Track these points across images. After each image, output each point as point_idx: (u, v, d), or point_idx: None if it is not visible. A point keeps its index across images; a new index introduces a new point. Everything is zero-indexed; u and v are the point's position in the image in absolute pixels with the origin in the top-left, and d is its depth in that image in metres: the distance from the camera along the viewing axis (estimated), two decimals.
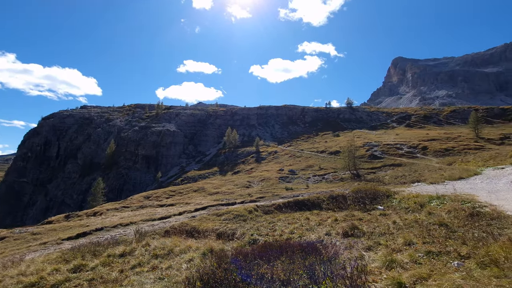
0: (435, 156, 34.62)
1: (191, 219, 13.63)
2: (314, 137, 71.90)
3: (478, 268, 4.85)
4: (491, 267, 4.74)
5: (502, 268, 4.58)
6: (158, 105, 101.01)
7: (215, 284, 4.29)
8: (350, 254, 6.50)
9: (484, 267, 4.85)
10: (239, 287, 4.28)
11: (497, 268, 4.66)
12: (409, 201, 11.35)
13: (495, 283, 4.12)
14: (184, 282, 4.85)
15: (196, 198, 28.09)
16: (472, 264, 5.05)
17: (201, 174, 57.84)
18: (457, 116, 68.93)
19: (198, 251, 7.53)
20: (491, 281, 4.23)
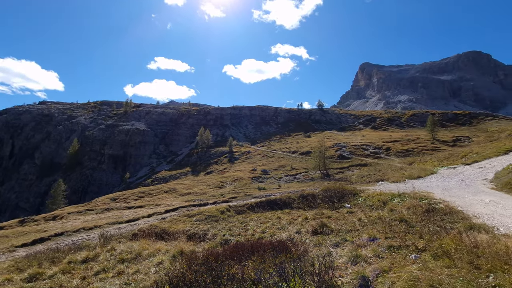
0: (397, 157, 37.01)
1: (161, 221, 13.21)
2: (286, 137, 73.22)
3: (433, 259, 5.28)
4: (443, 258, 5.19)
5: (453, 259, 5.04)
6: (126, 103, 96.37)
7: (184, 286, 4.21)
8: (319, 251, 6.73)
9: (438, 258, 5.29)
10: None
11: (448, 259, 5.11)
12: (374, 199, 12.02)
13: (446, 273, 4.52)
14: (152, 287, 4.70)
15: (167, 199, 27.26)
16: (427, 256, 5.49)
17: (173, 174, 56.25)
18: (416, 120, 74.28)
19: (168, 253, 7.34)
20: (443, 271, 4.63)
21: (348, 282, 4.72)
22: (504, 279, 3.91)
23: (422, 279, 4.32)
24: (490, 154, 22.89)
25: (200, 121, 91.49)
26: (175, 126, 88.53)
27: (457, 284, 4.07)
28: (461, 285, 4.01)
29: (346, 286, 4.58)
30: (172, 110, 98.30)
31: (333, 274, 4.73)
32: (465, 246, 5.36)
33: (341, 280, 4.77)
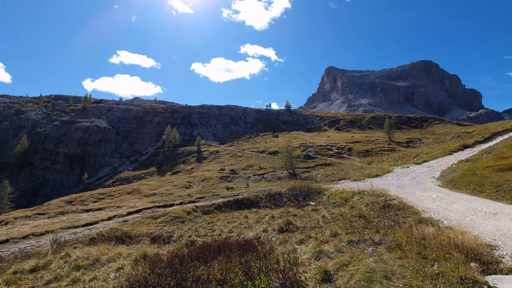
0: (358, 156, 39.29)
1: (122, 224, 12.53)
2: (255, 137, 73.78)
3: (387, 252, 5.71)
4: (396, 250, 5.64)
5: (404, 251, 5.50)
6: (85, 98, 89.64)
7: None
8: (284, 248, 6.91)
9: (391, 250, 5.73)
10: None
11: (401, 250, 5.57)
12: (336, 196, 12.64)
13: (398, 264, 4.92)
14: None
15: (130, 201, 25.91)
16: (382, 249, 5.91)
17: (137, 174, 53.62)
18: (375, 122, 79.51)
19: (129, 258, 6.99)
20: (395, 262, 5.03)
21: (311, 277, 4.91)
22: (446, 267, 4.36)
23: (378, 271, 4.64)
24: (437, 154, 25.32)
25: (167, 119, 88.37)
26: (139, 124, 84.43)
27: (407, 273, 4.45)
28: (411, 274, 4.38)
29: (309, 281, 4.76)
30: (136, 107, 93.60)
31: (297, 270, 4.89)
32: (415, 238, 5.88)
33: (305, 275, 4.95)
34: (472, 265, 4.48)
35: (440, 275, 4.14)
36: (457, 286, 3.80)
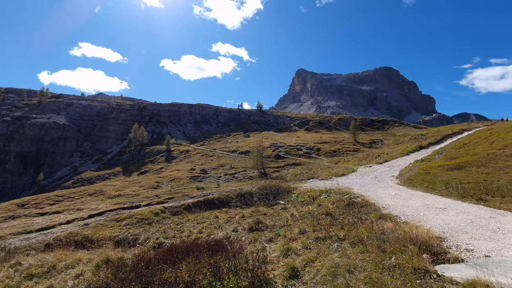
0: (326, 156, 40.85)
1: (83, 228, 11.74)
2: (226, 137, 73.32)
3: (350, 247, 6.02)
4: (359, 245, 5.97)
5: (366, 245, 5.84)
6: (42, 92, 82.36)
7: None
8: (254, 247, 6.97)
9: (354, 245, 6.06)
10: None
11: (362, 245, 5.90)
12: (305, 195, 13.03)
13: (360, 258, 5.22)
14: None
15: (92, 203, 24.34)
16: (346, 244, 6.22)
17: (100, 175, 50.51)
18: (342, 124, 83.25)
19: (90, 263, 6.59)
20: (357, 256, 5.33)
21: (280, 274, 5.03)
22: (402, 259, 4.72)
23: (341, 265, 4.88)
24: (396, 155, 27.20)
25: (134, 117, 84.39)
26: (104, 121, 79.58)
27: (368, 266, 4.74)
28: (371, 267, 4.67)
29: (278, 278, 4.87)
30: (100, 103, 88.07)
31: (266, 268, 4.97)
32: (375, 233, 6.28)
33: (273, 273, 5.05)
34: (424, 256, 4.89)
35: (396, 267, 4.47)
36: (411, 276, 4.13)
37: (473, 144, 21.93)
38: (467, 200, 9.78)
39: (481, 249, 5.36)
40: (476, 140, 22.80)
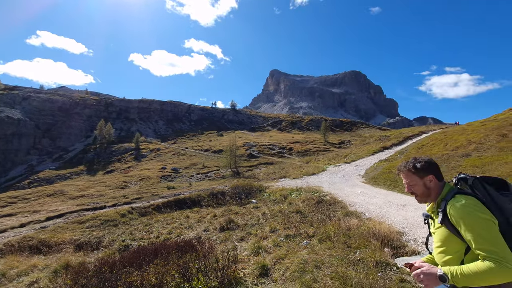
0: (298, 156, 41.83)
1: (39, 231, 10.85)
2: (199, 135, 72.07)
3: (319, 243, 6.23)
4: (326, 242, 6.20)
5: (333, 241, 6.08)
6: None
7: None
8: (225, 246, 6.94)
9: (322, 242, 6.27)
10: None
11: (330, 241, 6.14)
12: (276, 194, 13.23)
13: (327, 253, 5.42)
14: None
15: (51, 205, 22.57)
16: (315, 241, 6.43)
17: (61, 174, 47.00)
18: (313, 124, 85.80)
19: (47, 269, 6.11)
20: (325, 252, 5.53)
21: (250, 273, 5.06)
22: (365, 253, 4.98)
23: (310, 261, 5.03)
24: (363, 155, 28.64)
25: (100, 112, 79.69)
26: (66, 116, 74.11)
27: (334, 261, 4.94)
28: (337, 262, 4.88)
29: (248, 277, 4.89)
30: (62, 97, 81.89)
31: (236, 267, 4.97)
32: (342, 230, 6.56)
33: (244, 272, 5.07)
34: (385, 250, 5.21)
35: (360, 261, 4.71)
36: (374, 269, 4.37)
37: (430, 146, 23.76)
38: None
39: None
40: (432, 142, 24.73)
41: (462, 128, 27.18)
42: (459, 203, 1.56)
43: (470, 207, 1.53)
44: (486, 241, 1.44)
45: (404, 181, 1.87)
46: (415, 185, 1.79)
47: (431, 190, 1.76)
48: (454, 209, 1.56)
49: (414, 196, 1.84)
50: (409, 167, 1.81)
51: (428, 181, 1.76)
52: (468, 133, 22.43)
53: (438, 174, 1.79)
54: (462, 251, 1.58)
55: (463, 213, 1.52)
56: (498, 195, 1.59)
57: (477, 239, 1.46)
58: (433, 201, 1.79)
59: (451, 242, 1.62)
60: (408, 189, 1.83)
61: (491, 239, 1.44)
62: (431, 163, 1.80)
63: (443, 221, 1.62)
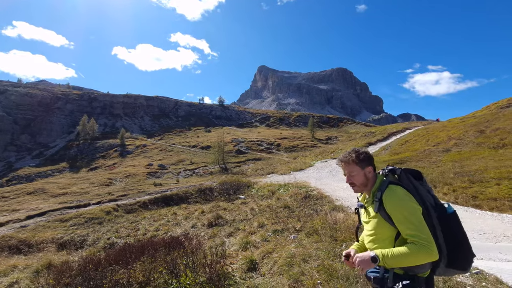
0: (286, 152, 42.13)
1: (19, 231, 10.47)
2: (186, 131, 71.17)
3: (306, 237, 6.32)
4: (314, 235, 6.30)
5: (320, 235, 6.18)
6: None
7: None
8: (213, 242, 6.94)
9: (310, 236, 6.37)
10: None
11: (317, 235, 6.24)
12: (264, 189, 13.30)
13: (314, 247, 5.51)
14: None
15: (31, 203, 21.75)
16: (302, 235, 6.52)
17: (42, 172, 45.30)
18: (301, 120, 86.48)
19: (28, 269, 5.91)
20: (312, 245, 5.62)
21: (238, 267, 5.08)
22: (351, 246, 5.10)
23: (297, 255, 5.11)
24: None
25: (84, 108, 77.07)
26: (46, 112, 71.27)
27: (321, 254, 5.03)
28: (324, 255, 4.97)
29: (236, 272, 4.91)
30: (42, 91, 78.60)
31: (225, 262, 4.98)
32: (328, 224, 6.68)
33: (232, 267, 5.08)
34: None
35: None
36: None
37: (413, 141, 24.49)
38: None
39: None
40: (415, 138, 25.50)
41: (443, 125, 28.15)
42: (393, 193, 1.71)
43: (402, 196, 1.69)
44: (415, 227, 1.60)
45: (345, 171, 1.95)
46: (356, 175, 1.88)
47: (369, 181, 1.88)
48: (389, 198, 1.70)
49: (352, 186, 1.94)
50: (352, 158, 1.89)
51: (367, 172, 1.87)
52: (449, 130, 23.27)
53: (374, 165, 1.93)
54: (393, 237, 1.72)
55: (396, 201, 1.68)
56: (419, 184, 1.78)
57: (408, 225, 1.62)
58: (369, 191, 1.89)
59: (384, 229, 1.74)
60: (349, 179, 1.92)
61: (419, 225, 1.61)
62: (370, 155, 1.94)
63: (379, 209, 1.74)
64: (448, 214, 1.72)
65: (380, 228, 1.75)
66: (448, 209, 1.74)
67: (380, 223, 1.75)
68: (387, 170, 1.88)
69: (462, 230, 1.70)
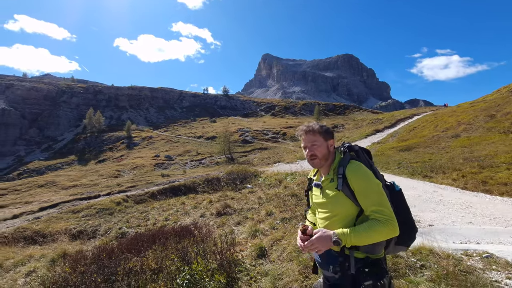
0: (292, 141, 42.02)
1: (33, 222, 10.77)
2: (192, 122, 71.36)
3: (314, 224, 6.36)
4: None
5: None
6: None
7: None
8: (222, 230, 7.03)
9: None
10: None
11: None
12: (271, 178, 13.34)
13: None
14: None
15: (43, 195, 22.32)
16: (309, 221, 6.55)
17: (51, 165, 46.24)
18: (306, 109, 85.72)
19: (44, 259, 6.10)
20: None
21: (248, 254, 5.15)
22: None
23: None
24: (356, 138, 28.94)
25: (89, 101, 77.65)
26: (53, 105, 72.07)
27: None
28: None
29: (246, 258, 4.99)
30: (48, 85, 79.24)
31: (234, 249, 5.05)
32: None
33: (242, 254, 5.15)
34: None
35: None
36: None
37: (421, 128, 24.11)
38: (415, 178, 10.84)
39: (426, 219, 6.02)
40: (423, 124, 25.09)
41: (452, 110, 27.59)
42: (358, 168, 1.63)
43: (366, 171, 1.62)
44: (379, 203, 1.55)
45: (306, 142, 1.82)
46: (319, 147, 1.77)
47: (329, 155, 1.79)
48: (353, 173, 1.61)
49: (313, 159, 1.78)
50: (317, 127, 1.82)
51: (330, 144, 1.80)
52: (458, 115, 22.80)
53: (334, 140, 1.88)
54: (354, 215, 1.63)
55: (362, 176, 1.60)
56: (372, 162, 1.76)
57: (373, 201, 1.55)
58: (328, 166, 1.79)
59: (346, 207, 1.64)
60: (310, 151, 1.78)
61: (383, 201, 1.56)
62: (331, 129, 1.89)
63: (342, 186, 1.63)
64: (396, 192, 1.73)
65: (342, 206, 1.64)
66: (395, 187, 1.75)
67: (342, 201, 1.63)
68: (346, 146, 1.81)
69: (408, 208, 1.72)
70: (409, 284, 3.06)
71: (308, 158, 1.82)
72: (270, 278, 3.89)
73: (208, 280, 3.53)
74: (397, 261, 3.98)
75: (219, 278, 3.45)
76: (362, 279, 1.55)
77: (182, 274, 3.60)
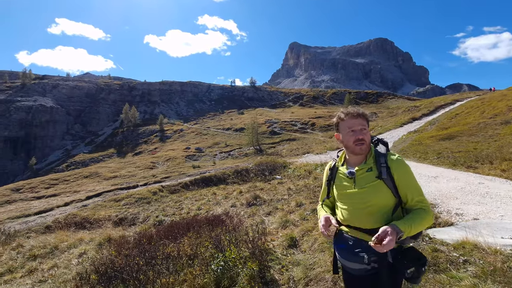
0: (321, 131, 41.08)
1: (81, 209, 11.85)
2: (220, 114, 72.68)
3: None
4: None
5: None
6: (24, 73, 79.03)
7: (114, 273, 3.97)
8: (253, 220, 7.16)
9: None
10: (143, 271, 4.11)
11: None
12: (301, 169, 13.21)
13: None
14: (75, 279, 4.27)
15: (88, 185, 24.40)
16: None
17: (94, 157, 50.22)
18: (336, 98, 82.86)
19: (92, 242, 6.71)
20: None
21: (279, 244, 5.21)
22: None
23: None
24: (390, 127, 27.47)
25: (125, 97, 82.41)
26: (93, 102, 77.64)
27: None
28: None
29: (277, 248, 5.05)
30: (88, 83, 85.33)
31: (265, 239, 5.13)
32: None
33: (273, 243, 5.23)
34: None
35: None
36: None
37: (464, 114, 22.19)
38: (457, 168, 10.06)
39: (470, 213, 5.59)
40: (467, 110, 23.05)
41: (502, 94, 24.96)
42: (401, 160, 1.64)
43: (407, 164, 1.64)
44: (421, 192, 1.60)
45: (356, 125, 1.69)
46: (367, 133, 1.69)
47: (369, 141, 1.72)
48: (397, 164, 1.61)
49: (361, 144, 1.66)
50: (365, 112, 1.76)
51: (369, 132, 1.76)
52: (509, 99, 20.59)
53: None
54: (391, 206, 1.59)
55: (405, 167, 1.62)
56: None
57: (417, 191, 1.58)
58: (365, 155, 1.71)
59: (385, 197, 1.59)
60: (361, 134, 1.66)
61: (421, 190, 1.62)
62: None
63: (386, 174, 1.59)
64: None
65: (380, 196, 1.57)
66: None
67: (382, 191, 1.57)
68: (376, 138, 1.78)
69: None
70: (450, 279, 2.90)
71: (353, 143, 1.69)
72: (302, 267, 3.90)
73: (241, 267, 3.64)
74: (437, 255, 3.78)
75: (252, 266, 3.54)
76: (403, 266, 1.50)
77: (216, 261, 3.75)
